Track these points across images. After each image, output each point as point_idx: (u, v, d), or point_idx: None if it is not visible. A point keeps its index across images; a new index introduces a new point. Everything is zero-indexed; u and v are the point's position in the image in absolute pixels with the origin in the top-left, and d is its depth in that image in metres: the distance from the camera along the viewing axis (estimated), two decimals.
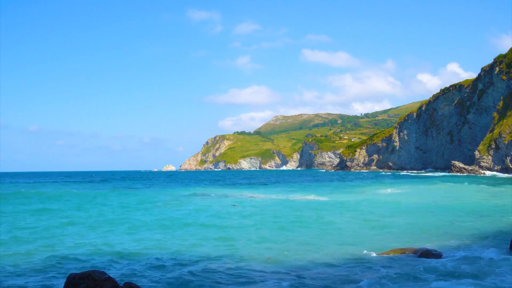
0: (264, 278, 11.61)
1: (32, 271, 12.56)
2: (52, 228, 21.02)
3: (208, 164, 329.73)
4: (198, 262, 13.55)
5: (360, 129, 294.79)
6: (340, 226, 20.54)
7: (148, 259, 13.96)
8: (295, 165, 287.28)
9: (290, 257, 13.97)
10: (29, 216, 25.94)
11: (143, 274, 12.20)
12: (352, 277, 11.54)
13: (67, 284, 9.50)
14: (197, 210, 28.50)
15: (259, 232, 19.28)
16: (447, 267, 12.08)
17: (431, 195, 37.41)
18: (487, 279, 10.76)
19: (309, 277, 11.68)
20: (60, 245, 16.74)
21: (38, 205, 32.67)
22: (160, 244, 16.61)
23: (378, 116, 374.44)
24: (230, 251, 15.12)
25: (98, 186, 65.37)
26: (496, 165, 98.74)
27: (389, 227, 19.97)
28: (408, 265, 12.53)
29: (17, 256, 14.64)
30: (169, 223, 22.45)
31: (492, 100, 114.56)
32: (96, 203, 35.15)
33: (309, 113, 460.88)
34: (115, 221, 23.77)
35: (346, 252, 14.54)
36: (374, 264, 12.86)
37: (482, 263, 12.32)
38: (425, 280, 10.96)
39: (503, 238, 16.23)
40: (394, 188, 49.03)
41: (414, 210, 26.49)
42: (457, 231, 18.32)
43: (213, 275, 11.91)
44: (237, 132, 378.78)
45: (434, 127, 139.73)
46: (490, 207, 26.99)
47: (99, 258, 14.27)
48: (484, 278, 10.87)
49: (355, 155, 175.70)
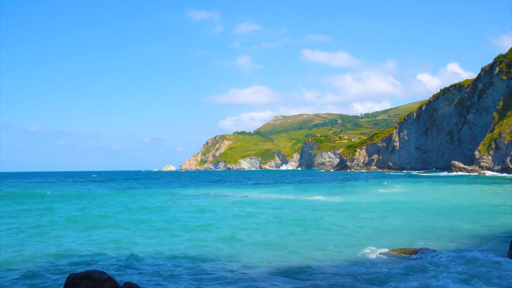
0: (266, 279, 11.60)
1: (32, 270, 12.55)
2: (52, 227, 21.02)
3: (208, 164, 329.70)
4: (199, 262, 13.54)
5: (360, 129, 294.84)
6: (341, 225, 20.52)
7: (148, 259, 13.94)
8: (295, 165, 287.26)
9: (290, 257, 13.95)
10: (66, 215, 25.95)
11: (143, 274, 12.19)
12: (353, 277, 11.54)
13: (67, 284, 9.50)
14: (202, 211, 28.49)
15: (266, 233, 19.28)
16: (445, 267, 12.08)
17: (432, 195, 37.42)
18: (486, 282, 10.75)
19: (310, 278, 11.68)
20: (61, 244, 16.73)
21: (77, 206, 32.59)
22: (169, 244, 16.60)
23: (378, 116, 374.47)
24: (232, 251, 15.10)
25: (115, 185, 65.43)
26: (496, 165, 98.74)
27: (390, 227, 19.96)
28: (408, 265, 12.53)
29: (17, 256, 14.63)
30: (183, 224, 22.45)
31: (492, 100, 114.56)
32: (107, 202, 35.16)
33: (309, 113, 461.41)
34: (119, 220, 23.78)
35: (346, 252, 14.53)
36: (375, 264, 12.85)
37: (482, 266, 12.30)
38: (423, 281, 10.95)
39: (503, 239, 16.24)
40: (395, 188, 49.05)
41: (414, 210, 26.47)
42: (458, 232, 18.30)
43: (213, 276, 11.90)
44: (237, 132, 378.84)
45: (434, 127, 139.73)
46: (491, 207, 26.97)
47: (99, 258, 14.26)
48: (484, 281, 10.86)
49: (355, 155, 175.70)
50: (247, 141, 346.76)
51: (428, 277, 11.18)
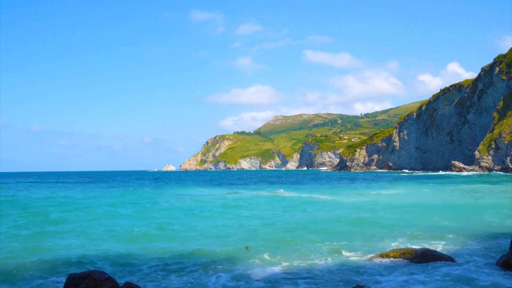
0: (267, 280, 11.61)
1: (32, 271, 12.54)
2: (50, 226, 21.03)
3: (208, 164, 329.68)
4: (200, 263, 13.54)
5: (360, 129, 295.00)
6: (342, 225, 20.53)
7: (149, 259, 13.93)
8: (295, 165, 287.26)
9: (291, 257, 13.96)
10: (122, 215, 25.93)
11: (143, 274, 12.19)
12: (354, 277, 11.55)
13: (67, 284, 9.50)
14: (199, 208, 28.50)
15: (271, 232, 19.29)
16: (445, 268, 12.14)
17: (434, 195, 37.45)
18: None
19: (308, 280, 11.68)
20: (60, 244, 16.72)
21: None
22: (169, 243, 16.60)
23: (378, 116, 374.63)
24: (233, 251, 15.10)
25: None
26: (496, 165, 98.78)
27: (391, 227, 19.97)
28: (408, 265, 12.58)
29: (17, 256, 14.62)
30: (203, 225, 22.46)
31: (492, 100, 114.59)
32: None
33: (309, 113, 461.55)
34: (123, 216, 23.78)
35: (347, 252, 14.54)
36: (376, 264, 12.88)
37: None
38: (418, 280, 10.97)
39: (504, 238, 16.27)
40: (397, 188, 49.12)
41: (415, 210, 26.46)
42: (458, 233, 18.30)
43: (212, 276, 11.89)
44: (237, 132, 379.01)
45: (434, 127, 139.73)
46: (492, 207, 26.95)
47: (99, 258, 14.25)
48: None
49: (355, 155, 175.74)
50: (247, 141, 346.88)
51: (425, 277, 11.20)
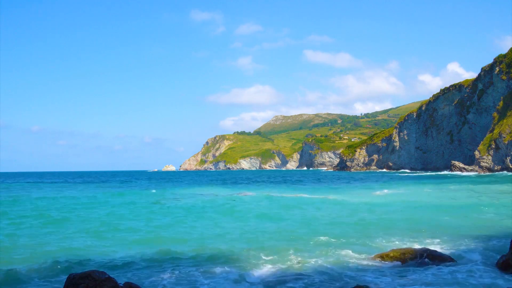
0: (266, 280, 11.61)
1: (32, 270, 12.53)
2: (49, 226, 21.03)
3: (208, 164, 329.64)
4: (200, 263, 13.54)
5: (360, 129, 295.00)
6: (342, 225, 20.53)
7: (149, 259, 13.94)
8: (295, 165, 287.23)
9: (290, 257, 13.95)
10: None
11: (143, 274, 12.19)
12: (354, 277, 11.55)
13: (67, 284, 9.50)
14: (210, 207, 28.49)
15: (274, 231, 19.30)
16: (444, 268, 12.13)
17: (434, 195, 37.44)
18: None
19: (308, 280, 11.68)
20: (61, 244, 16.72)
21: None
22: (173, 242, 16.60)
23: (378, 116, 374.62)
24: (233, 252, 15.10)
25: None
26: (496, 165, 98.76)
27: (391, 227, 19.97)
28: (408, 265, 12.58)
29: (17, 256, 14.63)
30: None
31: (492, 100, 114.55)
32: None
33: (309, 113, 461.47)
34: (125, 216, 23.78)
35: (347, 252, 14.54)
36: (376, 264, 12.88)
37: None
38: (415, 280, 10.98)
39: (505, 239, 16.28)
40: (397, 188, 49.11)
41: (415, 210, 26.46)
42: (458, 233, 18.30)
43: (207, 275, 11.90)
44: (237, 132, 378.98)
45: (434, 127, 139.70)
46: (492, 207, 26.94)
47: (99, 258, 14.25)
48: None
49: (355, 155, 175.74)
50: (247, 141, 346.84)
51: (423, 277, 11.21)
